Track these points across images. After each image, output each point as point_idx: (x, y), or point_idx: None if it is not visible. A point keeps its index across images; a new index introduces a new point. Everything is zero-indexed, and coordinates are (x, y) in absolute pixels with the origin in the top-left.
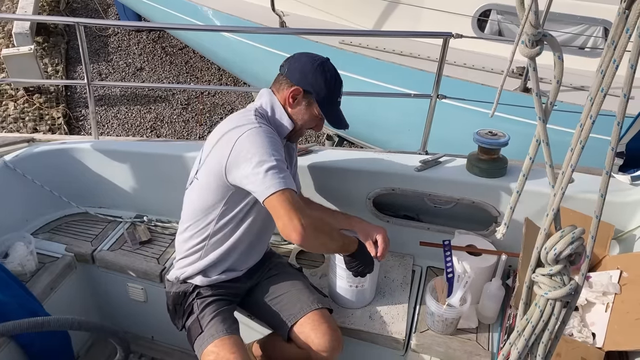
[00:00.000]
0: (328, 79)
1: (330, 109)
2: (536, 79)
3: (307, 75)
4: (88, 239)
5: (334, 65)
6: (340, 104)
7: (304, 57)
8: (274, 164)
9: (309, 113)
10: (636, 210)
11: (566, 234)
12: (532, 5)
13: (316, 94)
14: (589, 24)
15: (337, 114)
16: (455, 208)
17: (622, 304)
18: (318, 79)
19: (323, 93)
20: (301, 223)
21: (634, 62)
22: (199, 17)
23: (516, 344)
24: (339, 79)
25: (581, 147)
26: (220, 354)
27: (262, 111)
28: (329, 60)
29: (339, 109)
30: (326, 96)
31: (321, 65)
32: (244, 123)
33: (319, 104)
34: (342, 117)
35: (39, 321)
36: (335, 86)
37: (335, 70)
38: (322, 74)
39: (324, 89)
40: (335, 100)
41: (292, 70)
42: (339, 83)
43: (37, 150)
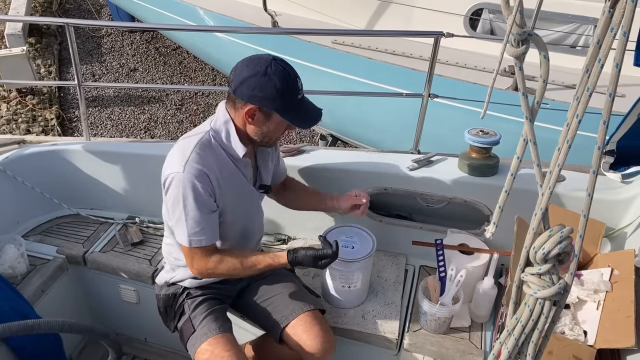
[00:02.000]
0: (278, 87)
1: (292, 112)
2: (522, 78)
3: (256, 90)
4: (80, 240)
5: (280, 61)
6: (302, 100)
7: (245, 71)
8: (187, 220)
9: (273, 124)
10: (627, 208)
11: (554, 233)
12: (517, 5)
13: (272, 105)
14: (580, 22)
15: (301, 114)
16: (447, 207)
17: (614, 301)
18: (268, 90)
19: (278, 102)
20: (195, 273)
21: (619, 61)
22: (192, 18)
23: (506, 343)
24: (290, 78)
25: (568, 146)
26: (215, 351)
27: (205, 140)
28: (272, 60)
29: (303, 104)
30: (283, 103)
31: (265, 73)
32: (177, 159)
33: (279, 112)
34: (310, 114)
35: (29, 324)
36: (288, 89)
37: (283, 70)
38: (269, 83)
39: (278, 98)
40: (294, 102)
41: (239, 87)
42: (291, 82)
43: (28, 152)
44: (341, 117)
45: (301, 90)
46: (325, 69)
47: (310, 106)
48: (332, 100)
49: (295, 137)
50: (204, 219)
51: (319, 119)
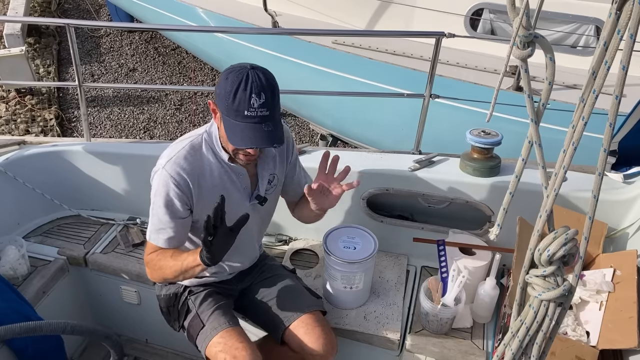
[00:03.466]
0: (227, 89)
1: (231, 124)
2: (528, 80)
3: (217, 85)
4: (80, 241)
5: (253, 73)
6: (251, 118)
7: (229, 66)
8: (152, 217)
9: (222, 130)
10: (629, 209)
11: (559, 235)
12: (524, 7)
13: (220, 105)
14: (580, 22)
15: (239, 130)
16: (449, 208)
17: (616, 302)
18: (221, 88)
19: (223, 105)
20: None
21: (626, 63)
22: (192, 18)
23: (510, 345)
24: (245, 88)
25: (574, 148)
26: (228, 343)
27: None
28: (248, 67)
29: (249, 125)
30: (227, 109)
31: (229, 72)
32: (164, 156)
33: (222, 117)
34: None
35: (30, 326)
36: (236, 97)
37: (245, 79)
38: (224, 82)
39: (224, 100)
40: (238, 114)
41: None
42: (242, 93)
43: (28, 153)
44: (341, 117)
45: (254, 109)
46: (326, 69)
47: (255, 130)
48: (333, 101)
49: (295, 138)
50: (166, 222)
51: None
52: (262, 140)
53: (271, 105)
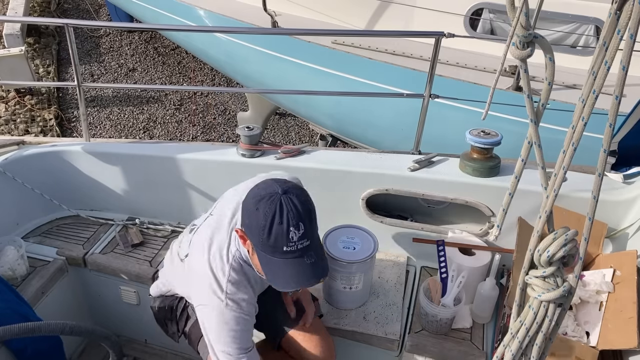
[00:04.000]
0: (260, 223)
1: (270, 261)
2: (527, 81)
3: (245, 214)
4: (80, 242)
5: (287, 201)
6: (292, 253)
7: (255, 188)
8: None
9: (256, 261)
10: (629, 209)
11: (559, 236)
12: (522, 7)
13: (252, 239)
14: (580, 22)
15: (280, 268)
16: (448, 208)
17: (616, 302)
18: (252, 221)
19: (257, 240)
20: None
21: (626, 63)
22: (191, 18)
23: (510, 346)
24: (281, 222)
25: (573, 149)
26: None
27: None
28: (280, 193)
29: (291, 260)
30: (262, 245)
31: (258, 202)
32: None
33: (257, 252)
34: (294, 273)
35: (29, 326)
36: (271, 232)
37: (279, 209)
38: (255, 214)
39: (257, 236)
40: (275, 250)
41: (243, 201)
42: (279, 227)
43: (27, 153)
44: (341, 117)
45: (294, 243)
46: (326, 69)
47: (299, 266)
48: (332, 101)
49: (294, 138)
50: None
51: (298, 287)
52: (306, 277)
53: (310, 233)
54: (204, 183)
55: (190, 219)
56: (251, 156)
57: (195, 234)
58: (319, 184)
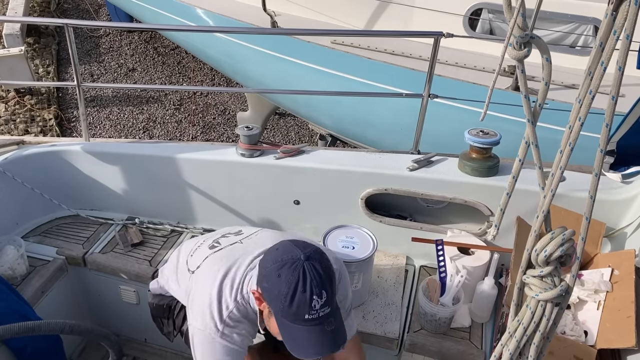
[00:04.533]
0: (282, 291)
1: (290, 327)
2: (524, 81)
3: (264, 278)
4: (79, 241)
5: (310, 268)
6: (313, 321)
7: (274, 250)
8: None
9: (272, 324)
10: (627, 208)
11: (556, 235)
12: (519, 8)
13: (272, 304)
14: (579, 22)
15: (301, 336)
16: (447, 207)
17: (614, 301)
18: (272, 286)
19: (278, 307)
20: None
21: (622, 63)
22: (191, 18)
23: (508, 345)
24: (304, 290)
25: (570, 148)
26: None
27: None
28: (302, 260)
29: (311, 328)
30: (282, 311)
31: (280, 268)
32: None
33: (276, 318)
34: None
35: (29, 325)
36: (293, 300)
37: (302, 277)
38: (276, 280)
39: (278, 302)
40: (296, 318)
41: (261, 261)
42: (302, 295)
43: (27, 152)
44: (341, 117)
45: (316, 311)
46: (325, 69)
47: (320, 335)
48: (332, 100)
49: (294, 138)
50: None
51: (320, 355)
52: (327, 346)
53: (331, 301)
54: (203, 182)
55: (190, 219)
56: (250, 156)
57: (215, 254)
58: (318, 183)
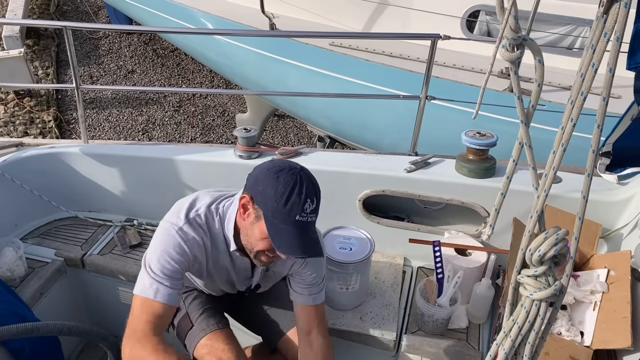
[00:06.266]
0: (279, 190)
1: (278, 227)
2: (517, 82)
3: (259, 182)
4: (78, 243)
5: (305, 177)
6: (300, 225)
7: (268, 163)
8: (153, 272)
9: (257, 229)
10: (623, 209)
11: (550, 235)
12: (511, 10)
13: (264, 205)
14: (576, 24)
15: (287, 235)
16: (445, 209)
17: (610, 302)
18: (268, 187)
19: (271, 206)
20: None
21: (612, 65)
22: (189, 20)
23: (503, 344)
24: (300, 192)
25: (563, 149)
26: (215, 345)
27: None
28: (298, 169)
29: (297, 231)
30: (274, 210)
31: (278, 172)
32: (176, 213)
33: (266, 218)
34: (300, 242)
35: (28, 327)
36: (289, 200)
37: (299, 181)
38: (274, 182)
39: (272, 202)
40: (288, 219)
41: (251, 175)
42: (297, 197)
43: (26, 154)
44: (339, 119)
45: (306, 214)
46: (323, 71)
47: (305, 237)
48: (330, 102)
49: (293, 139)
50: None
51: (304, 255)
52: (310, 249)
53: (317, 211)
54: (202, 184)
55: None
56: (248, 157)
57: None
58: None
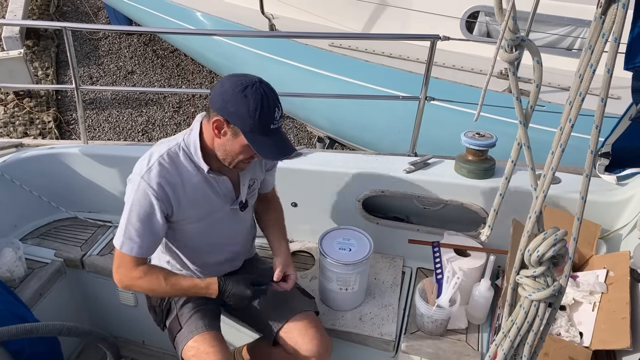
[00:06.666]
0: (252, 108)
1: (259, 139)
2: (516, 83)
3: (229, 104)
4: (77, 243)
5: (265, 85)
6: (275, 130)
7: (227, 83)
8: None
9: (237, 144)
10: (622, 210)
11: (549, 236)
12: (510, 11)
13: (240, 124)
14: (575, 25)
15: (268, 144)
16: (444, 209)
17: (609, 303)
18: (240, 107)
19: (248, 123)
20: (116, 279)
21: (610, 66)
22: (189, 21)
23: (502, 345)
24: (268, 104)
25: (561, 149)
26: (200, 348)
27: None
28: (258, 82)
29: (274, 135)
30: (252, 126)
31: (243, 90)
32: (140, 166)
33: (245, 134)
34: (278, 148)
35: (27, 327)
36: (262, 114)
37: (264, 94)
38: (243, 100)
39: (248, 119)
40: (264, 129)
41: (215, 97)
42: (267, 109)
43: (26, 155)
44: (338, 119)
45: (277, 121)
46: (322, 72)
47: (282, 141)
48: (329, 103)
49: (292, 140)
50: (143, 232)
51: (286, 156)
52: (288, 148)
53: (281, 115)
54: None
55: None
56: None
57: None
58: (316, 185)
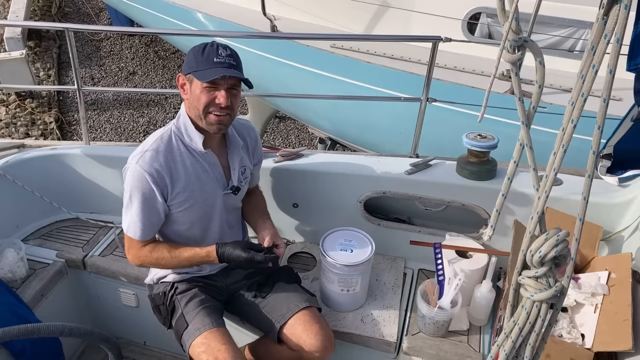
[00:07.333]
0: (195, 51)
1: (205, 73)
2: (518, 83)
3: (184, 63)
4: (79, 244)
5: (217, 43)
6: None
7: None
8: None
9: (196, 90)
10: (624, 212)
11: (551, 236)
12: (513, 12)
13: (189, 69)
14: (577, 26)
15: (212, 70)
16: (445, 211)
17: (611, 304)
18: (189, 57)
19: (193, 64)
20: (129, 259)
21: (613, 67)
22: (191, 22)
23: (504, 346)
24: (212, 45)
25: (564, 150)
26: (211, 344)
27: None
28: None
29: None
30: (197, 64)
31: (194, 47)
32: (134, 153)
33: (195, 75)
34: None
35: (29, 328)
36: (204, 52)
37: (210, 43)
38: (191, 51)
39: (193, 60)
40: (208, 62)
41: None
42: (210, 47)
43: (28, 156)
44: (340, 120)
45: (222, 57)
46: (324, 73)
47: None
48: (331, 104)
49: (294, 141)
50: (143, 215)
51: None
52: (229, 72)
53: (237, 60)
54: None
55: None
56: None
57: None
58: (317, 186)
